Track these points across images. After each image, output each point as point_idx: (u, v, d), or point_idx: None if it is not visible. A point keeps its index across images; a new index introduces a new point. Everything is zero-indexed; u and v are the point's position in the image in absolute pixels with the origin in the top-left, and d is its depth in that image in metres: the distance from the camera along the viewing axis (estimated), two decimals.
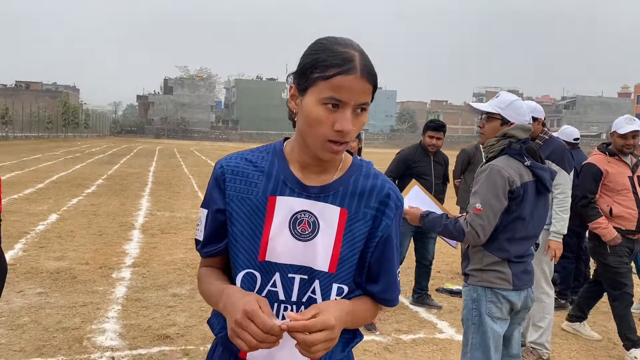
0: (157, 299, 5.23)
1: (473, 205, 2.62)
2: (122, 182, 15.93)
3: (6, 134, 48.31)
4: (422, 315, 5.15)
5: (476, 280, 2.68)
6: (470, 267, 2.73)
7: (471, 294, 2.69)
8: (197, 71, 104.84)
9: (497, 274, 2.64)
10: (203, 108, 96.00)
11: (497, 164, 2.64)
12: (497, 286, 2.63)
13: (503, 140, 2.70)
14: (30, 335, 4.22)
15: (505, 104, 2.72)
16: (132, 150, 37.69)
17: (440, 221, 2.74)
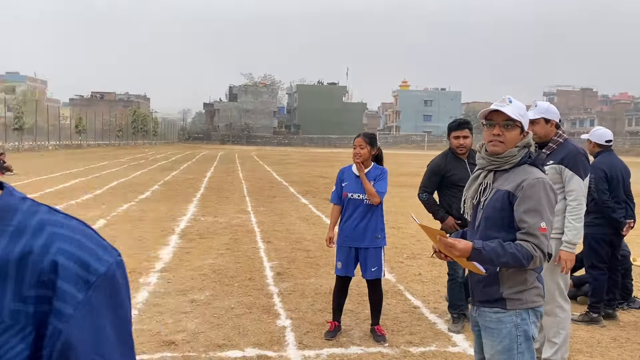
0: (174, 305, 5.33)
1: (536, 225, 2.32)
2: (177, 188, 16.44)
3: (80, 142, 51.25)
4: (439, 326, 4.94)
5: (520, 303, 2.41)
6: (510, 290, 2.41)
7: (514, 320, 2.39)
8: (261, 78, 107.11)
9: (537, 291, 2.46)
10: (266, 114, 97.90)
11: (543, 176, 2.46)
12: (538, 304, 2.46)
13: (523, 151, 2.49)
14: None
15: (524, 111, 2.52)
16: (195, 157, 38.93)
17: (501, 250, 2.30)
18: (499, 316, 2.43)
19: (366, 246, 4.45)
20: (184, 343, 4.37)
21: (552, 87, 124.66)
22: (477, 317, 2.56)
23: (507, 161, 2.47)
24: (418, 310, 5.37)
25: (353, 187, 4.54)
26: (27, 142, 42.39)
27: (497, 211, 2.42)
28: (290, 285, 6.12)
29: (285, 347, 4.36)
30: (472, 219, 2.61)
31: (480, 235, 2.46)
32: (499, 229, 2.42)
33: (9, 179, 17.78)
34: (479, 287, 2.51)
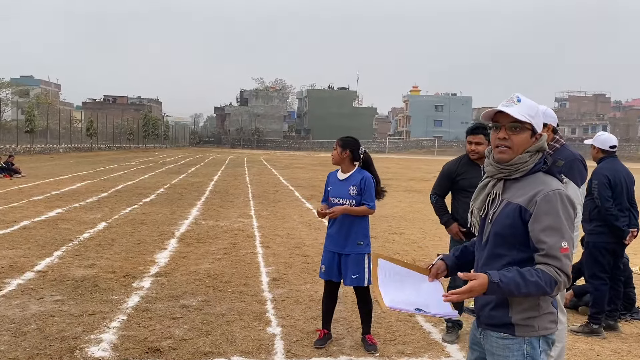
0: (164, 310, 5.24)
1: (557, 245, 2.05)
2: (181, 192, 16.42)
3: (91, 145, 51.57)
4: (433, 336, 4.80)
5: (531, 330, 2.15)
6: (520, 316, 2.15)
7: (523, 348, 2.15)
8: (272, 82, 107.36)
9: (550, 317, 2.18)
10: (276, 118, 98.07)
11: (562, 189, 2.15)
12: (550, 331, 2.18)
13: (536, 156, 2.20)
14: (30, 343, 4.32)
15: (535, 111, 2.19)
16: (204, 160, 39.00)
17: (521, 281, 2.03)
18: (507, 343, 2.18)
19: (347, 252, 4.35)
20: (170, 350, 4.28)
21: (564, 92, 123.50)
22: (481, 339, 2.32)
23: (517, 169, 2.19)
24: (413, 320, 5.23)
25: (336, 192, 4.46)
26: (39, 144, 42.71)
27: (507, 227, 2.15)
28: (285, 291, 6.01)
29: (272, 356, 4.25)
30: (480, 233, 2.34)
31: (488, 253, 2.23)
32: (509, 247, 2.16)
33: (17, 181, 17.88)
34: (486, 310, 2.25)
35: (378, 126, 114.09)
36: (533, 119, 2.18)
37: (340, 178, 4.48)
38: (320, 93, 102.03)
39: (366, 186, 4.36)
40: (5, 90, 75.63)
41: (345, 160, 4.45)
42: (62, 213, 11.07)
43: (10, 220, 9.90)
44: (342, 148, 4.44)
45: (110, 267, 6.78)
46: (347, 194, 4.38)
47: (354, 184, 4.38)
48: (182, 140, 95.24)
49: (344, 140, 4.50)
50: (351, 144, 4.47)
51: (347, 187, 4.39)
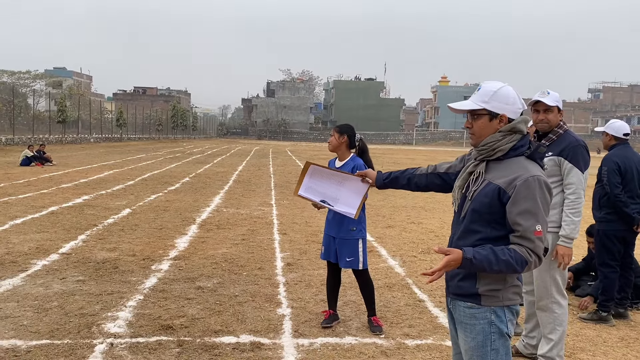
0: (180, 291, 5.42)
1: (531, 228, 2.16)
2: (206, 181, 16.70)
3: (120, 136, 52.63)
4: (440, 320, 4.87)
5: (496, 301, 2.29)
6: (486, 287, 2.29)
7: (488, 317, 2.30)
8: (299, 74, 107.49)
9: (515, 289, 2.33)
10: (303, 110, 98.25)
11: (538, 173, 2.24)
12: (514, 302, 2.32)
13: (511, 137, 2.30)
14: (51, 318, 4.55)
15: (489, 96, 2.32)
16: (230, 151, 39.43)
17: (493, 258, 2.17)
18: (473, 312, 2.32)
19: (341, 237, 4.48)
20: (182, 328, 4.45)
21: (597, 83, 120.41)
22: (452, 308, 2.47)
23: (492, 147, 2.30)
24: (422, 304, 5.30)
25: None
26: (70, 134, 43.81)
27: (485, 206, 2.27)
28: (297, 275, 6.14)
29: (280, 335, 4.38)
30: (458, 210, 2.46)
31: (464, 228, 2.35)
32: (484, 224, 2.28)
33: (48, 169, 18.44)
34: (454, 280, 2.39)
35: (405, 117, 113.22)
36: (487, 104, 2.31)
37: (337, 165, 4.61)
38: (346, 84, 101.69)
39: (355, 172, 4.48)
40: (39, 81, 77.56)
41: (342, 147, 4.57)
42: (89, 200, 11.42)
43: (39, 206, 10.28)
44: (339, 134, 4.57)
45: (131, 251, 7.02)
46: None
47: (349, 170, 4.47)
48: (210, 131, 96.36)
49: (340, 127, 4.67)
50: (348, 130, 4.63)
51: None
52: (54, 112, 43.31)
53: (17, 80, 72.28)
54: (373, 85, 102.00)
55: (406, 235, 8.80)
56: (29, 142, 28.66)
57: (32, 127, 38.96)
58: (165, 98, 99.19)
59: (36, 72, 78.12)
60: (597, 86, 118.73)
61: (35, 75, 77.15)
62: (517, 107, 2.34)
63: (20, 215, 9.27)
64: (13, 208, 9.96)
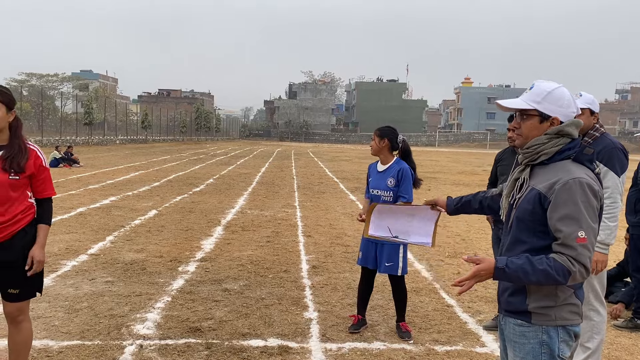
0: (207, 293, 5.44)
1: (573, 234, 2.01)
2: (230, 182, 16.79)
3: (145, 137, 53.32)
4: (469, 326, 4.79)
5: (547, 319, 2.14)
6: (536, 304, 2.14)
7: (539, 337, 2.15)
8: (321, 76, 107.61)
9: (571, 308, 2.15)
10: (324, 111, 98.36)
11: (582, 176, 2.08)
12: (571, 322, 2.15)
13: (558, 140, 2.16)
14: (81, 319, 4.61)
15: (542, 96, 2.18)
16: (253, 152, 39.65)
17: (529, 267, 2.04)
18: (523, 330, 2.18)
19: (383, 242, 4.40)
20: (210, 330, 4.46)
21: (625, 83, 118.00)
22: (503, 325, 2.34)
23: (537, 151, 2.17)
24: (450, 309, 5.23)
25: (375, 183, 4.53)
26: (97, 136, 44.55)
27: (528, 213, 2.14)
28: (323, 278, 6.11)
29: (308, 339, 4.36)
30: (506, 219, 2.31)
31: (511, 238, 2.22)
32: (530, 233, 2.14)
33: (76, 170, 18.76)
34: (504, 295, 2.26)
35: (428, 119, 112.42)
36: (539, 104, 2.18)
37: (379, 170, 4.53)
38: (368, 86, 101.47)
39: (403, 178, 4.39)
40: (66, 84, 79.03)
41: (384, 150, 4.49)
42: (116, 201, 11.57)
43: (68, 207, 10.44)
44: (380, 137, 4.49)
45: (158, 252, 7.08)
46: (385, 185, 4.43)
47: (391, 176, 4.42)
48: (233, 133, 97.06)
49: (381, 130, 4.55)
50: (389, 133, 4.51)
51: (386, 179, 4.44)
52: (80, 114, 44.08)
53: (45, 83, 73.87)
54: (395, 87, 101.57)
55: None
56: (57, 143, 29.23)
57: (60, 129, 39.75)
58: (189, 100, 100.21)
59: (64, 74, 79.71)
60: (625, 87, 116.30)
61: (62, 78, 78.72)
62: (571, 110, 2.20)
63: None
64: None
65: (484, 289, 5.84)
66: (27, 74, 74.59)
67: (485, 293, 5.72)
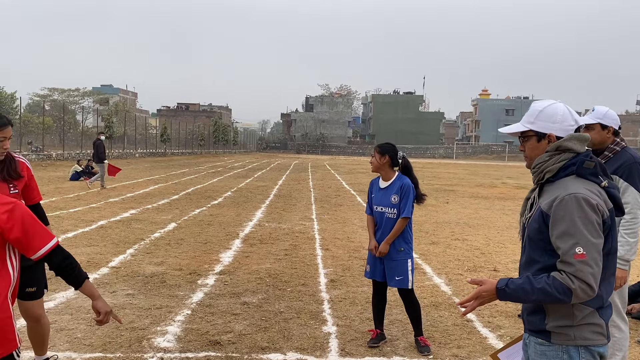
0: (226, 306, 5.47)
1: (570, 251, 2.00)
2: (247, 195, 16.90)
3: (165, 151, 53.92)
4: (490, 341, 4.74)
5: (567, 339, 2.10)
6: (555, 324, 2.12)
7: (559, 356, 2.12)
8: (338, 88, 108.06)
9: (592, 328, 2.11)
10: (341, 124, 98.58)
11: (578, 190, 2.07)
12: (594, 342, 2.11)
13: (559, 156, 2.17)
14: (103, 332, 4.67)
15: (534, 116, 2.23)
16: (270, 165, 39.84)
17: (529, 287, 2.05)
18: (544, 349, 2.15)
19: (390, 257, 4.45)
20: (229, 344, 4.48)
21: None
22: (527, 343, 2.29)
23: (541, 169, 2.20)
24: (470, 324, 5.19)
25: (378, 200, 4.56)
26: (116, 149, 45.17)
27: (537, 232, 2.14)
28: (342, 292, 6.11)
29: (327, 354, 4.36)
30: (521, 239, 2.33)
31: (526, 258, 2.22)
32: (541, 252, 2.13)
33: (96, 183, 19.03)
34: (525, 314, 2.25)
35: (445, 131, 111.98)
36: (533, 124, 2.23)
37: (381, 186, 4.57)
38: (385, 98, 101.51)
39: (404, 193, 4.41)
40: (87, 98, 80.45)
41: (385, 166, 4.52)
42: (136, 214, 11.72)
43: (89, 220, 10.60)
44: (381, 154, 4.51)
45: (177, 265, 7.14)
46: (389, 202, 4.45)
47: (394, 193, 4.44)
48: (250, 145, 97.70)
49: (381, 147, 4.59)
50: (389, 150, 4.53)
51: (389, 196, 4.46)
52: (101, 127, 44.77)
53: (67, 97, 75.26)
54: (412, 99, 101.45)
55: (451, 252, 8.66)
56: (78, 157, 29.71)
57: (81, 143, 40.38)
58: (207, 113, 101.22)
59: (85, 89, 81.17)
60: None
61: (84, 92, 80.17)
62: (568, 124, 2.20)
63: (72, 229, 9.58)
64: (65, 222, 10.31)
65: (504, 304, 5.78)
66: (50, 89, 76.16)
67: (506, 307, 5.67)
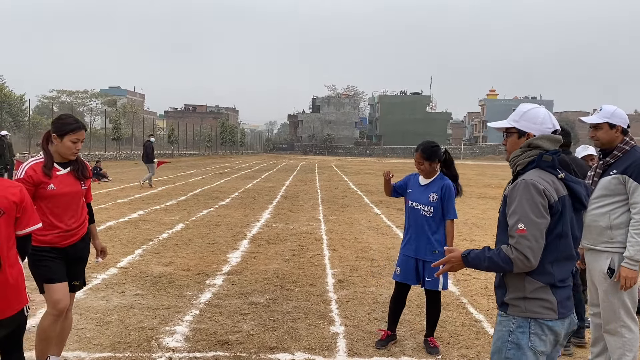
0: (234, 306, 5.49)
1: (514, 226, 2.32)
2: (255, 196, 16.93)
3: (172, 152, 54.13)
4: None
5: (519, 310, 2.38)
6: (510, 296, 2.42)
7: (509, 325, 2.40)
8: (344, 89, 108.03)
9: (541, 302, 2.36)
10: (348, 125, 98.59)
11: (530, 177, 2.38)
12: (542, 316, 2.36)
13: (529, 152, 2.47)
14: (112, 331, 4.69)
15: (519, 115, 2.55)
16: (277, 166, 39.88)
17: (481, 255, 2.38)
18: (502, 320, 2.46)
19: (424, 259, 4.39)
20: (237, 344, 4.49)
21: None
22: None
23: (515, 162, 2.52)
24: (479, 325, 5.17)
25: (416, 196, 4.48)
26: (124, 151, 45.39)
27: (501, 214, 2.49)
28: (349, 292, 6.11)
29: (335, 354, 4.36)
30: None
31: (496, 239, 2.55)
32: (504, 232, 2.44)
33: (104, 185, 19.14)
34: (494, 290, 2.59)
35: (452, 131, 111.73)
36: (517, 123, 2.54)
37: (421, 183, 4.50)
38: (392, 99, 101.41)
39: (447, 195, 4.37)
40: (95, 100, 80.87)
41: (434, 168, 4.48)
42: (144, 215, 11.77)
43: (97, 221, 10.63)
44: (429, 161, 4.42)
45: (185, 265, 7.17)
46: (427, 200, 4.40)
47: (434, 192, 4.39)
48: (257, 146, 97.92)
49: (426, 152, 4.43)
50: (434, 155, 4.43)
51: (428, 194, 4.41)
52: (109, 129, 45.02)
53: (75, 99, 75.75)
54: (419, 100, 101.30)
55: None
56: (86, 158, 29.86)
57: (89, 144, 40.60)
58: (215, 115, 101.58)
59: (93, 91, 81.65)
60: None
61: (92, 94, 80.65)
62: (546, 126, 2.49)
63: None
64: None
65: None
66: (58, 91, 76.67)
67: None
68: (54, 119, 3.71)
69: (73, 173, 3.66)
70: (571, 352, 4.54)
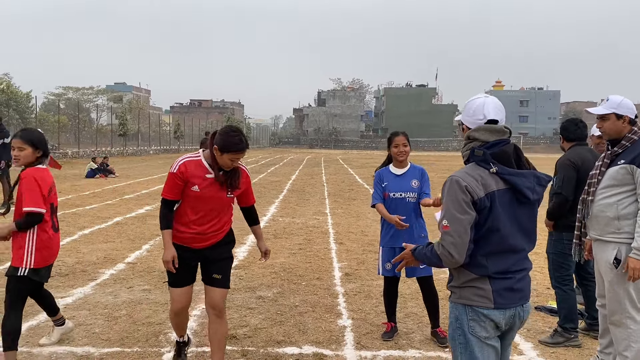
0: (241, 300, 5.51)
1: (440, 223, 2.43)
2: (261, 190, 16.94)
3: (178, 147, 54.27)
4: None
5: (456, 297, 2.50)
6: (451, 284, 2.54)
7: (454, 312, 2.50)
8: (350, 82, 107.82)
9: (476, 291, 2.43)
10: (353, 118, 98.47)
11: (456, 174, 2.45)
12: (477, 304, 2.43)
13: (469, 144, 2.53)
14: (120, 326, 4.72)
15: (464, 109, 2.63)
16: (283, 160, 39.91)
17: (423, 251, 2.53)
18: (450, 307, 2.56)
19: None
20: (245, 338, 4.51)
21: None
22: None
23: (462, 154, 2.62)
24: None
25: (395, 187, 4.53)
26: (131, 147, 45.55)
27: None
28: (356, 286, 6.11)
29: (342, 347, 4.37)
30: None
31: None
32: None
33: (111, 181, 19.23)
34: None
35: None
36: (462, 117, 2.62)
37: (397, 173, 4.58)
38: (397, 91, 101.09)
39: (426, 178, 4.60)
40: (101, 96, 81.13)
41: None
42: (151, 210, 11.81)
43: (105, 217, 10.71)
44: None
45: None
46: (410, 187, 4.51)
47: (415, 178, 4.54)
48: (263, 141, 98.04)
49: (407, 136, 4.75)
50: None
51: (409, 181, 4.53)
52: (115, 125, 45.17)
53: (81, 96, 76.05)
54: (425, 92, 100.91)
55: None
56: (93, 154, 30.00)
57: (96, 141, 40.81)
58: (220, 110, 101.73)
59: (99, 87, 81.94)
60: None
61: (97, 90, 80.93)
62: (477, 118, 2.54)
63: (88, 225, 9.69)
64: (81, 219, 10.43)
65: None
66: (64, 88, 77.01)
67: None
68: (221, 130, 3.54)
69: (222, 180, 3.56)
70: (579, 343, 4.53)
